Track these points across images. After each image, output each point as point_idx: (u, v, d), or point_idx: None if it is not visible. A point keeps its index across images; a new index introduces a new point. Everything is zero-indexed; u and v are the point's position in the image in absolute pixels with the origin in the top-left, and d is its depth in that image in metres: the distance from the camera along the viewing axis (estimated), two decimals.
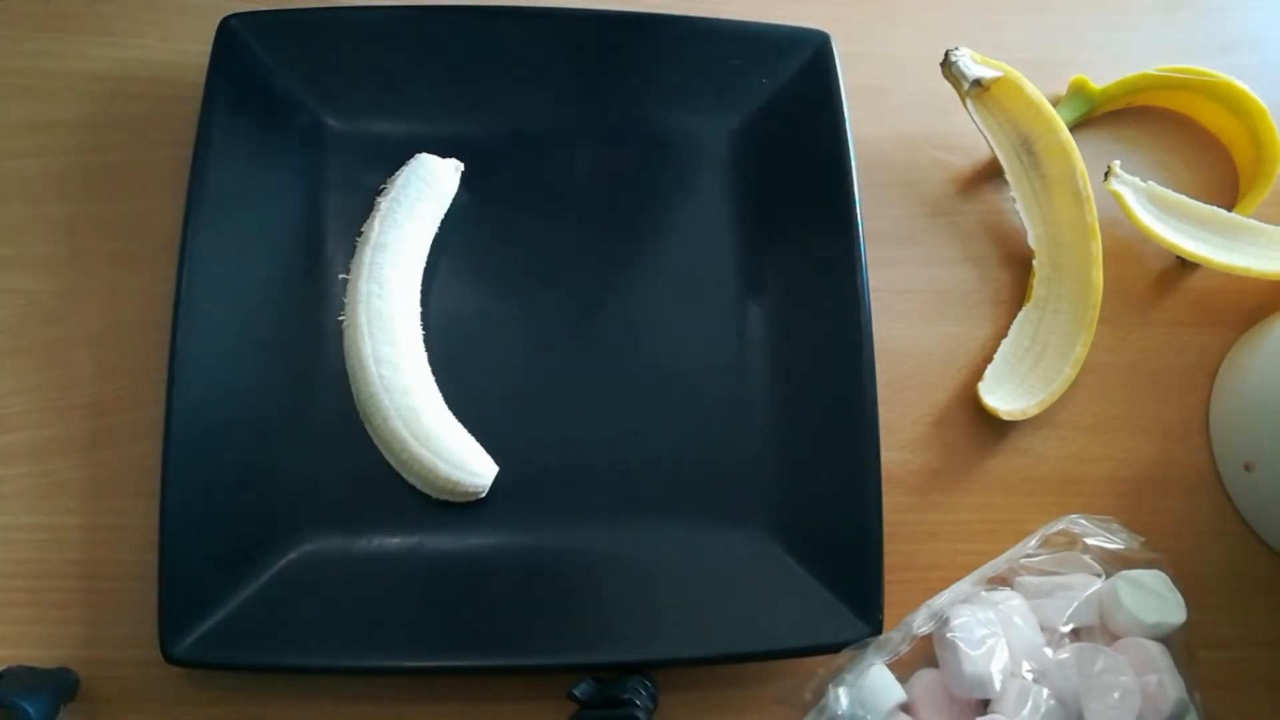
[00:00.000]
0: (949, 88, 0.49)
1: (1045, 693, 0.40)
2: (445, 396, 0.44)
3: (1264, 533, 0.47)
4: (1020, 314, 0.49)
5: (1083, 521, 0.44)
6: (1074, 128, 0.51)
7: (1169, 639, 0.42)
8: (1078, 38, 0.55)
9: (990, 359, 0.48)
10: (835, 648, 0.41)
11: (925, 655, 0.43)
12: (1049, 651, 0.41)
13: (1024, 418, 0.47)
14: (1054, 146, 0.49)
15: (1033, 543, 0.44)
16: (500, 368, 0.45)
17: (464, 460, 0.42)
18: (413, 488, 0.43)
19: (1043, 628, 0.42)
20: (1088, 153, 0.49)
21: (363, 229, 0.45)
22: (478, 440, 0.43)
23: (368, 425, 0.43)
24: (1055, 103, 0.52)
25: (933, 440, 0.47)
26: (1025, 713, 0.40)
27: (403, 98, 0.48)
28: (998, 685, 0.40)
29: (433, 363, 0.44)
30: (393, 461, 0.43)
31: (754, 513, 0.44)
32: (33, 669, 0.40)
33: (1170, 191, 0.50)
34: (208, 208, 0.43)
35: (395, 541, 0.43)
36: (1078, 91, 0.52)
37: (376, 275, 0.44)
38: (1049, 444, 0.48)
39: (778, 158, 0.48)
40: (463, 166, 0.47)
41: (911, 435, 0.47)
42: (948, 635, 0.41)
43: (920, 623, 0.41)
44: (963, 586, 0.43)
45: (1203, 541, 0.47)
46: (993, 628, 0.41)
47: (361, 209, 0.46)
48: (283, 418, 0.43)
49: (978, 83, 0.48)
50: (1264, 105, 0.51)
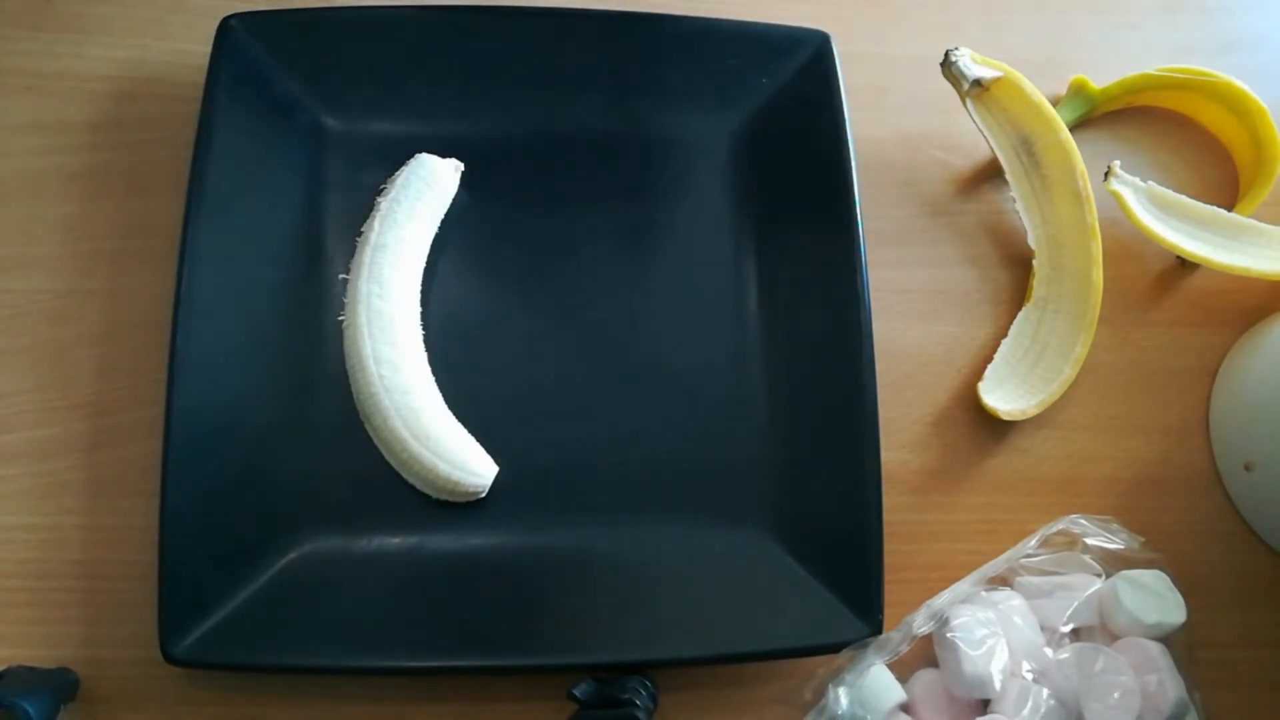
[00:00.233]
0: (949, 88, 0.49)
1: (1045, 693, 0.40)
2: (445, 396, 0.44)
3: (1264, 533, 0.47)
4: (1020, 314, 0.49)
5: (1083, 521, 0.44)
6: (1074, 128, 0.51)
7: (1169, 639, 0.42)
8: (1078, 38, 0.55)
9: (990, 359, 0.48)
10: (835, 648, 0.41)
11: (925, 655, 0.43)
12: (1049, 651, 0.41)
13: (1024, 418, 0.47)
14: (1054, 146, 0.49)
15: (1033, 543, 0.44)
16: (500, 368, 0.45)
17: (464, 460, 0.42)
18: (413, 488, 0.43)
19: (1043, 628, 0.42)
20: (1088, 153, 0.49)
21: (363, 229, 0.45)
22: (478, 440, 0.43)
23: (368, 425, 0.43)
24: (1055, 103, 0.52)
25: (933, 440, 0.47)
26: (1025, 713, 0.40)
27: (403, 98, 0.48)
28: (998, 685, 0.40)
29: (433, 363, 0.44)
30: (393, 461, 0.43)
31: (754, 513, 0.44)
32: (33, 669, 0.40)
33: (1170, 191, 0.50)
34: (208, 208, 0.43)
35: (395, 541, 0.43)
36: (1078, 91, 0.52)
37: (376, 275, 0.44)
38: (1049, 444, 0.48)
39: (778, 158, 0.48)
40: (463, 166, 0.47)
41: (911, 435, 0.47)
42: (948, 635, 0.41)
43: (920, 623, 0.41)
44: (963, 586, 0.43)
45: (1203, 541, 0.47)
46: (993, 628, 0.41)
47: (361, 209, 0.46)
48: (283, 418, 0.43)
49: (978, 83, 0.48)
50: (1264, 105, 0.51)
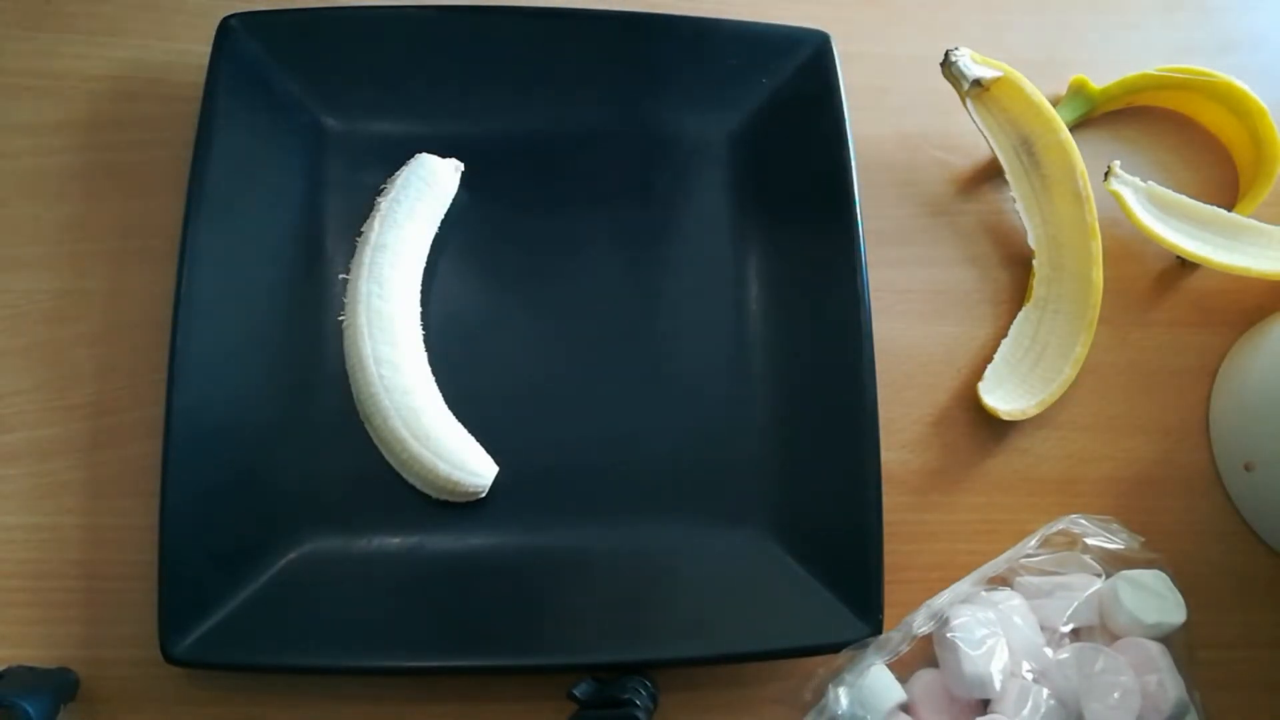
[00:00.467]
0: (949, 88, 0.49)
1: (1045, 693, 0.40)
2: (445, 396, 0.44)
3: (1264, 533, 0.47)
4: (1020, 314, 0.49)
5: (1083, 521, 0.44)
6: (1074, 128, 0.51)
7: (1169, 639, 0.42)
8: (1078, 38, 0.55)
9: (990, 359, 0.48)
10: (835, 648, 0.41)
11: (925, 655, 0.43)
12: (1049, 651, 0.41)
13: (1024, 418, 0.47)
14: (1054, 146, 0.49)
15: (1033, 543, 0.44)
16: (500, 368, 0.45)
17: (464, 460, 0.42)
18: (413, 488, 0.43)
19: (1043, 628, 0.42)
20: (1088, 153, 0.49)
21: (363, 229, 0.45)
22: (478, 440, 0.43)
23: (368, 425, 0.43)
24: (1055, 103, 0.52)
25: (933, 440, 0.47)
26: (1025, 713, 0.40)
27: (403, 98, 0.48)
28: (998, 685, 0.40)
29: (433, 363, 0.44)
30: (393, 461, 0.43)
31: (754, 513, 0.44)
32: (33, 669, 0.40)
33: (1170, 191, 0.50)
34: (208, 208, 0.43)
35: (395, 541, 0.43)
36: (1078, 91, 0.52)
37: (376, 275, 0.44)
38: (1049, 444, 0.48)
39: (778, 158, 0.48)
40: (463, 166, 0.47)
41: (911, 435, 0.47)
42: (948, 635, 0.41)
43: (920, 623, 0.41)
44: (963, 586, 0.43)
45: (1203, 541, 0.47)
46: (993, 628, 0.41)
47: (361, 209, 0.46)
48: (283, 418, 0.43)
49: (978, 83, 0.48)
50: (1264, 105, 0.51)
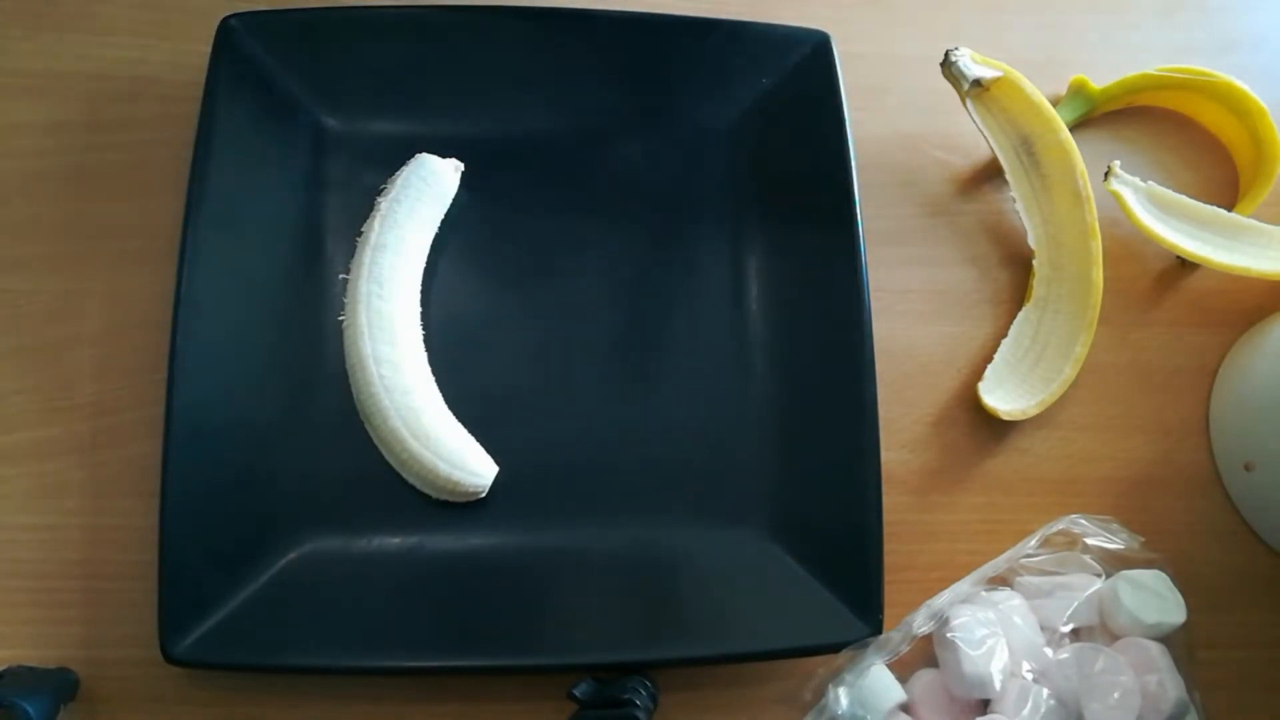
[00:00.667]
0: (949, 88, 0.49)
1: (1045, 693, 0.40)
2: (445, 396, 0.44)
3: (1264, 533, 0.47)
4: (1020, 314, 0.49)
5: (1083, 521, 0.44)
6: (1074, 128, 0.51)
7: (1169, 639, 0.42)
8: (1078, 38, 0.55)
9: (990, 359, 0.48)
10: (835, 648, 0.41)
11: (925, 655, 0.43)
12: (1049, 651, 0.41)
13: (1024, 418, 0.47)
14: (1054, 146, 0.49)
15: (1033, 543, 0.44)
16: (500, 368, 0.46)
17: (464, 460, 0.42)
18: (413, 488, 0.43)
19: (1043, 628, 0.42)
20: (1088, 153, 0.49)
21: (363, 229, 0.45)
22: (478, 440, 0.43)
23: (368, 425, 0.43)
24: (1055, 103, 0.52)
25: (933, 440, 0.47)
26: (1025, 713, 0.40)
27: (403, 98, 0.48)
28: (998, 685, 0.40)
29: (433, 363, 0.44)
30: (393, 461, 0.43)
31: (754, 513, 0.44)
32: (33, 669, 0.40)
33: (1170, 191, 0.50)
34: (208, 208, 0.43)
35: (395, 541, 0.43)
36: (1078, 91, 0.52)
37: (376, 275, 0.44)
38: (1049, 444, 0.48)
39: (778, 158, 0.48)
40: (463, 166, 0.47)
41: (911, 435, 0.47)
42: (948, 635, 0.41)
43: (920, 623, 0.41)
44: (963, 586, 0.43)
45: (1203, 541, 0.47)
46: (993, 628, 0.41)
47: (361, 209, 0.46)
48: (283, 418, 0.43)
49: (978, 83, 0.48)
50: (1264, 105, 0.51)
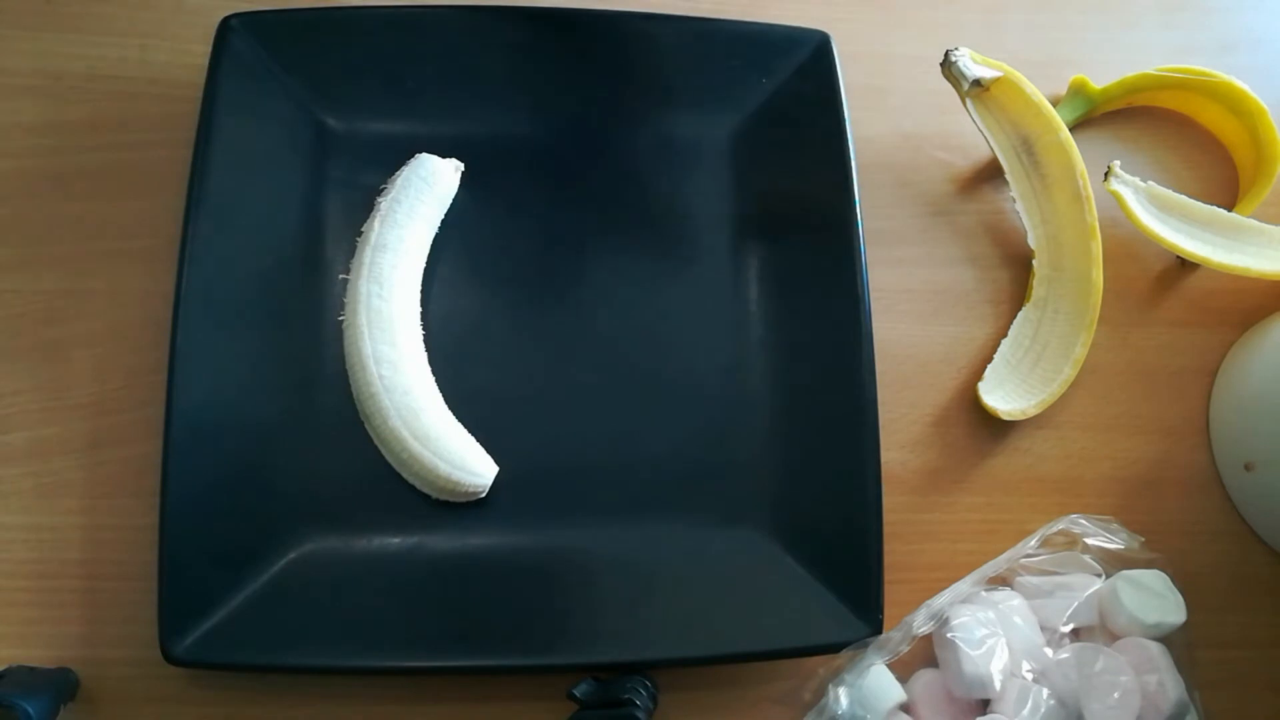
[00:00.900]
0: (949, 88, 0.49)
1: (1045, 693, 0.40)
2: (445, 396, 0.44)
3: (1264, 533, 0.47)
4: (1020, 314, 0.49)
5: (1083, 521, 0.44)
6: (1074, 128, 0.51)
7: (1169, 639, 0.42)
8: (1078, 38, 0.55)
9: (990, 359, 0.48)
10: (835, 648, 0.41)
11: (925, 655, 0.43)
12: (1049, 651, 0.41)
13: (1024, 418, 0.47)
14: (1054, 146, 0.49)
15: (1033, 543, 0.44)
16: (500, 368, 0.45)
17: (464, 460, 0.42)
18: (413, 488, 0.43)
19: (1043, 628, 0.42)
20: (1088, 153, 0.49)
21: (363, 229, 0.45)
22: (478, 440, 0.43)
23: (368, 425, 0.43)
24: (1055, 103, 0.52)
25: (933, 440, 0.47)
26: (1025, 713, 0.40)
27: (403, 98, 0.48)
28: (998, 685, 0.40)
29: (433, 363, 0.44)
30: (393, 461, 0.43)
31: (754, 513, 0.44)
32: (33, 669, 0.40)
33: (1170, 191, 0.50)
34: (208, 208, 0.43)
35: (395, 541, 0.43)
36: (1078, 91, 0.52)
37: (376, 275, 0.44)
38: (1049, 444, 0.48)
39: (778, 158, 0.48)
40: (463, 166, 0.47)
41: (911, 435, 0.47)
42: (948, 635, 0.41)
43: (920, 623, 0.41)
44: (963, 586, 0.43)
45: (1203, 541, 0.47)
46: (993, 628, 0.41)
47: (361, 209, 0.46)
48: (283, 418, 0.43)
49: (978, 83, 0.48)
50: (1264, 105, 0.51)
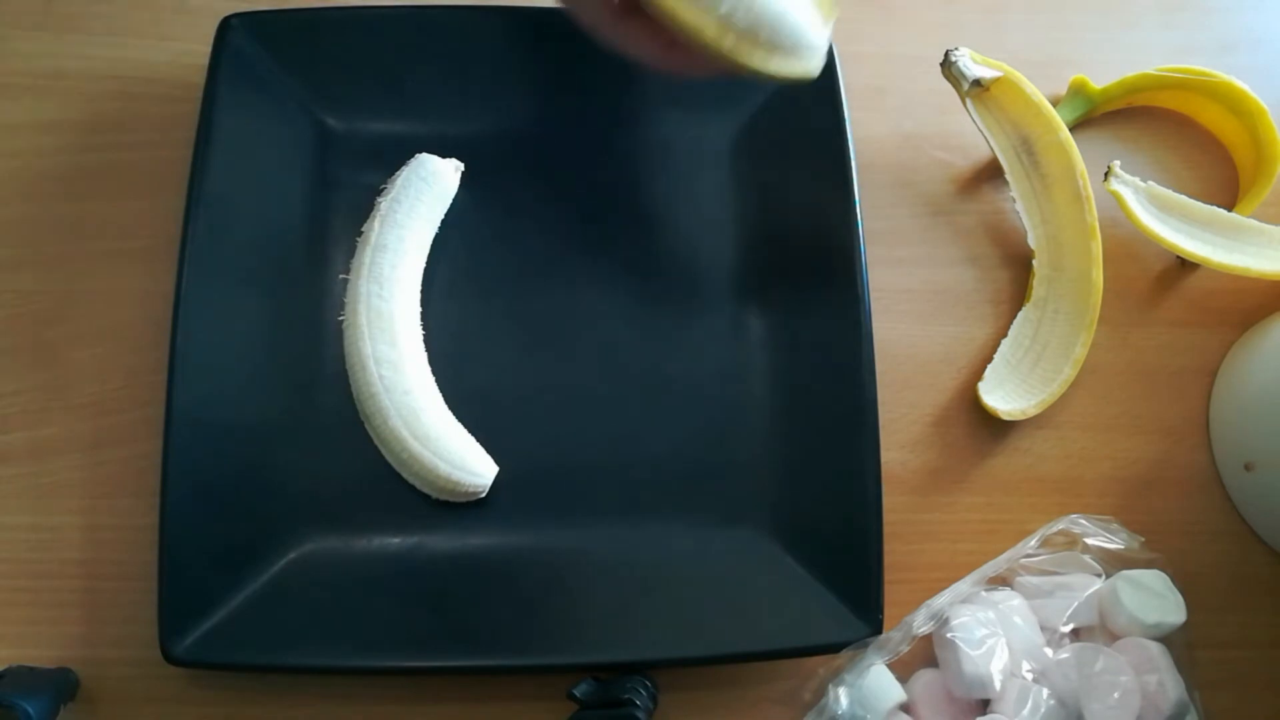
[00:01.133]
0: (949, 88, 0.49)
1: (1045, 693, 0.40)
2: (445, 396, 0.44)
3: (1264, 533, 0.47)
4: (1020, 314, 0.49)
5: (1083, 521, 0.44)
6: (1074, 128, 0.51)
7: (1169, 639, 0.42)
8: (1078, 38, 0.55)
9: (990, 359, 0.48)
10: (835, 648, 0.41)
11: (925, 655, 0.43)
12: (1049, 651, 0.41)
13: (1024, 418, 0.47)
14: (1054, 146, 0.49)
15: (1033, 543, 0.44)
16: (500, 368, 0.46)
17: (464, 460, 0.42)
18: (413, 488, 0.43)
19: (1043, 628, 0.42)
20: (1088, 153, 0.49)
21: (363, 229, 0.45)
22: (478, 440, 0.44)
23: (368, 425, 0.43)
24: (1055, 103, 0.52)
25: (933, 440, 0.47)
26: (1025, 713, 0.40)
27: (403, 98, 0.48)
28: (998, 685, 0.40)
29: (433, 363, 0.44)
30: (393, 461, 0.43)
31: (754, 513, 0.44)
32: (33, 669, 0.40)
33: (1170, 191, 0.50)
34: (208, 208, 0.43)
35: (395, 541, 0.43)
36: (1078, 91, 0.52)
37: (376, 275, 0.44)
38: (1049, 444, 0.48)
39: (778, 158, 0.48)
40: (463, 166, 0.47)
41: (911, 435, 0.47)
42: (948, 635, 0.41)
43: (920, 623, 0.41)
44: (963, 586, 0.43)
45: (1203, 541, 0.47)
46: (993, 628, 0.41)
47: (361, 209, 0.46)
48: (283, 418, 0.43)
49: (978, 83, 0.48)
50: (1264, 105, 0.51)
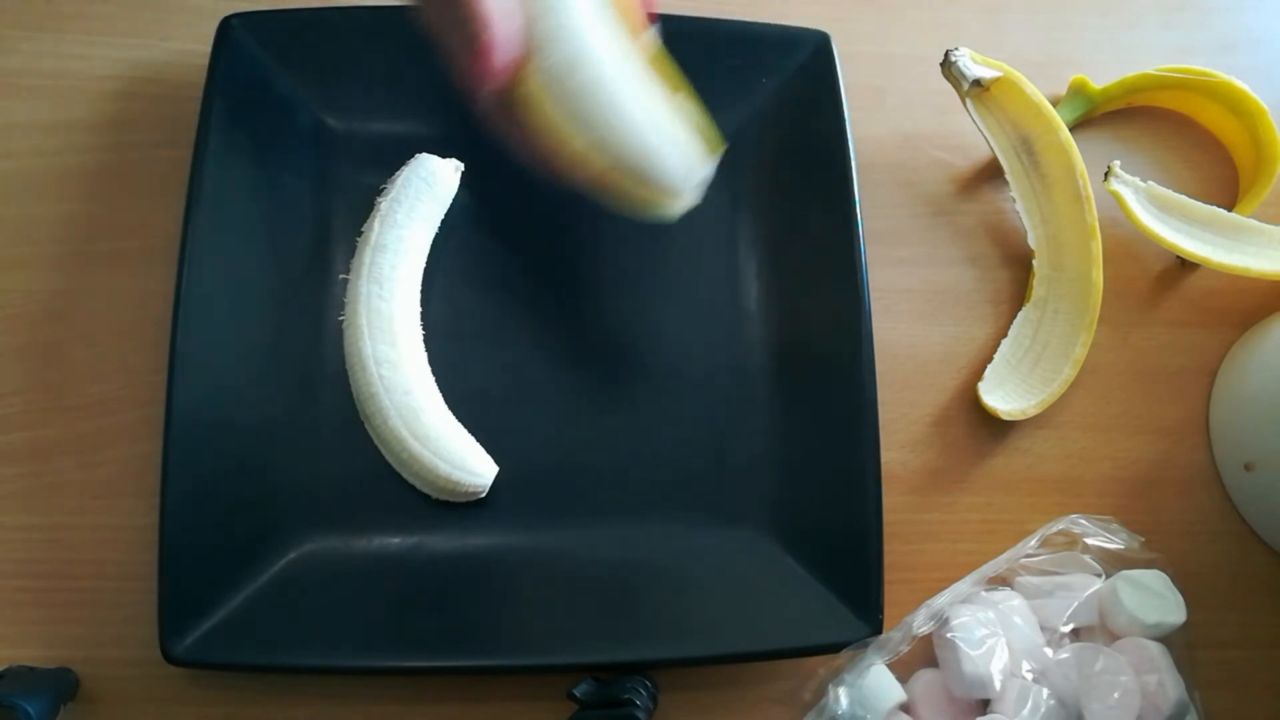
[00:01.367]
0: (949, 88, 0.49)
1: (1045, 693, 0.40)
2: (445, 396, 0.44)
3: (1264, 533, 0.47)
4: (1020, 314, 0.49)
5: (1083, 521, 0.44)
6: (1074, 128, 0.51)
7: (1169, 639, 0.42)
8: (1078, 38, 0.55)
9: (990, 359, 0.48)
10: (835, 648, 0.41)
11: (925, 655, 0.43)
12: (1049, 651, 0.41)
13: (1024, 418, 0.47)
14: (1054, 146, 0.49)
15: (1033, 543, 0.44)
16: (500, 368, 0.46)
17: (464, 460, 0.42)
18: (413, 488, 0.43)
19: (1043, 628, 0.42)
20: (1088, 153, 0.49)
21: (363, 229, 0.45)
22: (477, 440, 0.43)
23: (368, 425, 0.43)
24: (1055, 103, 0.52)
25: (933, 440, 0.47)
26: (1025, 713, 0.40)
27: (403, 98, 0.48)
28: (998, 685, 0.40)
29: (432, 363, 0.44)
30: (393, 461, 0.43)
31: (754, 513, 0.44)
32: (33, 669, 0.40)
33: (1170, 191, 0.50)
34: (208, 208, 0.43)
35: (395, 541, 0.43)
36: (1078, 91, 0.52)
37: (376, 275, 0.44)
38: (1049, 444, 0.48)
39: (778, 158, 0.48)
40: (463, 166, 0.47)
41: (911, 435, 0.47)
42: (948, 635, 0.41)
43: (920, 623, 0.41)
44: (963, 586, 0.43)
45: (1203, 541, 0.47)
46: (993, 628, 0.41)
47: (362, 209, 0.46)
48: (283, 417, 0.43)
49: (978, 83, 0.48)
50: (1264, 105, 0.51)
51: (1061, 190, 0.49)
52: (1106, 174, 0.49)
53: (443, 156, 0.46)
